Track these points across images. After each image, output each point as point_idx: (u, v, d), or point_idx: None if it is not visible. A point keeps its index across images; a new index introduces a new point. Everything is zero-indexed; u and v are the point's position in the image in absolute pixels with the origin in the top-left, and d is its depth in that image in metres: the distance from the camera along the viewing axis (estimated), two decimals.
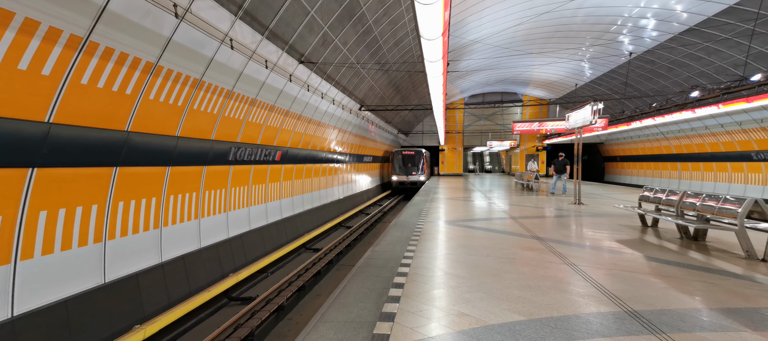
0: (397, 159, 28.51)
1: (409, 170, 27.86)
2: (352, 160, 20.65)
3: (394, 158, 28.54)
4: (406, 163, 28.19)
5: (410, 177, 27.80)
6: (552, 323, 3.39)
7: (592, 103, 11.61)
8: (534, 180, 19.35)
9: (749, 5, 13.06)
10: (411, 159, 28.40)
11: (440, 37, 6.32)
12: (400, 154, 28.58)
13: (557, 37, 20.62)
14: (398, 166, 28.24)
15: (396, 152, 28.59)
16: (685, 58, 18.58)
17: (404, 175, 27.88)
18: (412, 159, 28.39)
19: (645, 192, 8.52)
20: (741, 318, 3.48)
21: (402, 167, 28.14)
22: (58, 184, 5.00)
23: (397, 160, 28.47)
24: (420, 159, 28.30)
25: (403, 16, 13.66)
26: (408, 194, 28.86)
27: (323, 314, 3.69)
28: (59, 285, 5.06)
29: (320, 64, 11.89)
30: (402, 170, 28.06)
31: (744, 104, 13.96)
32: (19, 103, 4.34)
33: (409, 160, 28.38)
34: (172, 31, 5.96)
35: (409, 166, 27.92)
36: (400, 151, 28.58)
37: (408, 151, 28.58)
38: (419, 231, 7.87)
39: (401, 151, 28.61)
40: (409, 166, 27.92)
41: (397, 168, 28.24)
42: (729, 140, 21.08)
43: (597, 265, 5.31)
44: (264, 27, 8.32)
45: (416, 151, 28.38)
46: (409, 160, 28.30)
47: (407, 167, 27.97)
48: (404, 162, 28.31)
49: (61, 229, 5.12)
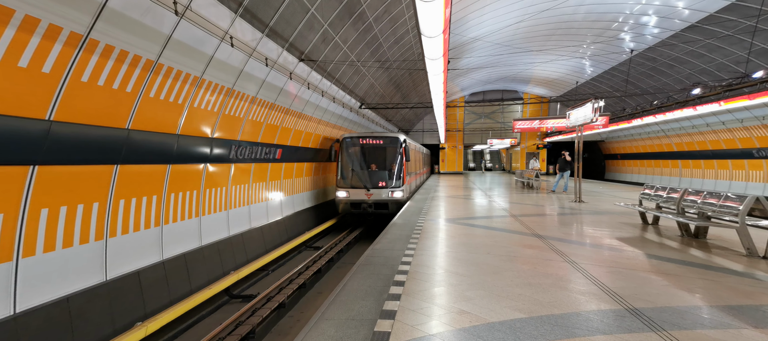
0: (346, 155, 14.20)
1: (373, 178, 13.78)
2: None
3: (340, 153, 14.15)
4: (365, 162, 14.15)
5: (374, 194, 13.53)
6: (553, 320, 3.39)
7: (593, 100, 11.58)
8: (535, 178, 19.34)
9: (751, 2, 13.01)
10: (376, 154, 14.29)
11: (441, 34, 6.30)
12: (352, 144, 14.27)
13: (558, 34, 20.56)
14: (349, 170, 14.00)
15: (345, 141, 14.24)
16: (687, 55, 18.53)
17: (361, 188, 13.59)
18: (378, 154, 14.30)
19: (646, 190, 8.51)
20: (742, 316, 3.48)
21: (357, 172, 13.94)
22: (59, 182, 5.01)
23: (348, 156, 14.21)
24: (395, 155, 14.10)
25: (404, 13, 13.63)
26: (371, 226, 15.30)
27: (324, 311, 3.69)
28: (61, 282, 5.07)
29: (320, 62, 11.88)
30: (357, 178, 13.82)
31: (746, 101, 13.90)
32: (19, 101, 4.33)
33: (374, 155, 14.25)
34: (172, 28, 5.95)
35: (372, 168, 14.02)
36: (352, 141, 14.28)
37: (370, 139, 14.32)
38: (420, 230, 7.87)
39: (356, 141, 14.30)
40: (372, 168, 14.02)
41: (344, 173, 13.95)
42: (730, 137, 21.04)
43: (598, 263, 5.30)
44: (264, 25, 8.30)
45: (386, 138, 14.31)
46: (374, 157, 14.22)
47: (369, 172, 13.95)
48: (363, 161, 14.17)
49: (63, 227, 5.12)
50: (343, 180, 13.73)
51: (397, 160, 13.85)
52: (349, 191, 13.50)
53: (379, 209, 13.48)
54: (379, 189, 13.37)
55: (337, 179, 13.73)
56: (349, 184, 13.60)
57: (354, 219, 15.91)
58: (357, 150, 14.26)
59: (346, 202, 13.59)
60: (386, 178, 13.59)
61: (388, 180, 13.55)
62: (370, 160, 14.11)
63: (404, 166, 13.86)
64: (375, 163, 13.97)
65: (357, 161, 14.04)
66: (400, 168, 13.76)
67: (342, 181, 13.71)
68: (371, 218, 15.20)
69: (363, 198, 13.40)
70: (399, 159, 13.82)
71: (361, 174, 13.69)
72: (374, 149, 14.25)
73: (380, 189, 13.37)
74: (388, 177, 13.62)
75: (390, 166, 13.83)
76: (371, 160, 14.13)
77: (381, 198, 13.31)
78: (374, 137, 14.07)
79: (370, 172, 13.84)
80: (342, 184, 13.66)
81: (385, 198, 13.33)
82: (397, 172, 13.71)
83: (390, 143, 14.11)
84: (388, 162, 13.98)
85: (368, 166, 14.05)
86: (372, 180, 13.57)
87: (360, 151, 14.22)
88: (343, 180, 13.72)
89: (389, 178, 13.59)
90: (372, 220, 15.65)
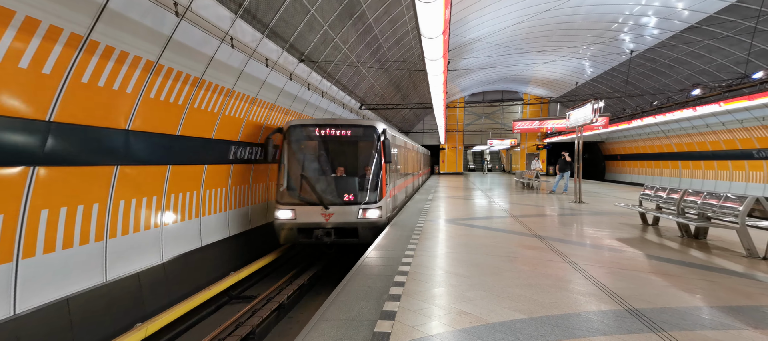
0: (292, 152, 8.94)
1: (334, 189, 8.83)
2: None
3: (284, 149, 8.86)
4: (323, 164, 9.29)
5: (336, 214, 8.49)
6: (553, 321, 3.39)
7: (592, 101, 11.59)
8: (535, 178, 19.34)
9: (751, 2, 13.02)
10: (341, 152, 9.73)
11: (441, 35, 6.31)
12: (302, 136, 9.06)
13: (558, 35, 20.59)
14: (296, 176, 8.89)
15: (292, 131, 8.92)
16: (687, 56, 18.54)
17: (315, 205, 8.45)
18: (343, 152, 9.74)
19: (646, 191, 8.51)
20: (742, 316, 3.48)
21: (309, 179, 8.70)
22: (59, 183, 5.01)
23: (294, 154, 8.99)
24: (370, 153, 9.10)
25: (404, 14, 13.65)
26: (336, 259, 10.51)
27: (324, 312, 3.69)
28: (61, 282, 5.07)
29: (320, 62, 11.89)
30: (309, 189, 8.59)
31: (746, 102, 13.92)
32: (20, 102, 4.34)
33: (336, 154, 9.64)
34: (172, 29, 5.96)
35: (335, 173, 9.25)
36: (302, 131, 9.04)
37: (332, 128, 9.03)
38: (420, 230, 7.87)
39: (309, 131, 9.06)
40: (335, 173, 9.25)
41: (289, 182, 8.84)
42: (730, 138, 21.04)
43: (598, 263, 5.30)
44: (264, 25, 8.31)
45: (356, 128, 9.21)
46: (336, 157, 9.59)
47: (328, 179, 9.02)
48: (319, 162, 9.27)
49: (63, 228, 5.12)
50: (287, 192, 8.59)
51: (372, 160, 8.84)
52: (296, 210, 8.31)
53: (344, 237, 8.41)
54: (343, 205, 8.41)
55: (278, 191, 8.65)
56: (296, 199, 8.45)
57: (310, 251, 10.83)
58: (310, 145, 9.10)
59: (291, 227, 8.30)
60: (354, 189, 8.70)
61: (359, 192, 8.67)
62: (331, 161, 9.21)
63: (383, 169, 8.85)
64: (338, 165, 9.19)
65: (310, 162, 8.99)
66: (378, 173, 8.75)
67: (285, 195, 8.55)
68: (333, 250, 9.58)
69: (318, 221, 8.28)
70: (375, 159, 8.80)
71: (315, 184, 8.50)
72: (337, 144, 9.29)
73: (345, 205, 8.42)
74: (359, 187, 8.75)
75: (362, 169, 9.05)
76: (332, 160, 9.25)
77: (346, 221, 8.34)
78: (337, 126, 8.91)
79: (330, 180, 8.85)
80: (285, 199, 8.48)
81: (353, 221, 8.35)
82: (373, 180, 8.70)
83: (362, 135, 9.03)
84: (359, 164, 9.22)
85: (327, 170, 9.08)
86: (332, 193, 8.58)
87: (315, 146, 9.13)
88: (288, 192, 8.59)
89: (360, 189, 8.70)
90: (336, 253, 10.19)
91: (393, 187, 10.32)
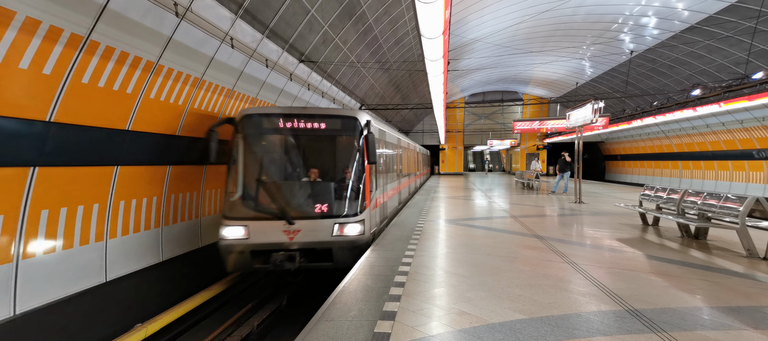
0: (246, 149, 6.65)
1: (300, 198, 6.66)
2: None
3: (236, 145, 6.55)
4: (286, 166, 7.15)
5: (303, 231, 6.26)
6: (553, 321, 3.39)
7: (592, 101, 11.59)
8: (535, 179, 19.33)
9: (751, 3, 13.03)
10: (310, 150, 7.27)
11: (441, 35, 6.32)
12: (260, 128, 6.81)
13: (558, 35, 20.59)
14: (251, 181, 6.64)
15: (247, 121, 6.63)
16: (687, 56, 18.55)
17: (275, 219, 6.23)
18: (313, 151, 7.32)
19: (646, 191, 8.51)
20: (742, 317, 3.48)
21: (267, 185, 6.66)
22: (60, 183, 5.01)
23: (249, 152, 6.72)
24: (350, 152, 6.94)
25: (404, 14, 13.66)
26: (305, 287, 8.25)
27: (324, 312, 3.69)
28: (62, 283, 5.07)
29: (320, 62, 11.90)
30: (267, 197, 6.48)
31: (746, 102, 13.92)
32: (20, 102, 4.34)
33: (304, 152, 7.19)
34: (172, 29, 5.97)
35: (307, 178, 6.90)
36: (260, 121, 6.77)
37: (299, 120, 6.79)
38: (420, 231, 7.87)
39: (269, 121, 6.82)
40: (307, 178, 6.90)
41: (243, 188, 6.58)
42: (730, 138, 21.05)
43: (598, 264, 5.30)
44: (264, 26, 8.32)
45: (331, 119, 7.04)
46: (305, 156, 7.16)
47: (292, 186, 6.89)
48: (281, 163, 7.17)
49: (63, 228, 5.12)
50: (238, 203, 6.46)
51: (352, 160, 6.81)
52: (250, 226, 6.23)
53: (314, 260, 6.40)
54: (313, 219, 6.39)
55: (225, 201, 6.49)
56: (251, 211, 6.36)
57: (267, 280, 8.47)
58: (270, 140, 7.06)
59: (243, 250, 6.22)
60: (329, 198, 6.63)
61: (335, 201, 6.61)
62: (299, 162, 7.08)
63: (367, 172, 6.83)
64: (308, 166, 6.93)
65: (270, 163, 7.02)
66: (360, 177, 6.74)
67: (236, 206, 6.43)
68: (300, 277, 7.17)
69: (279, 241, 6.23)
70: (357, 159, 6.78)
71: (276, 190, 6.60)
72: (307, 140, 7.06)
73: (316, 219, 6.40)
74: (335, 195, 6.69)
75: (340, 172, 6.96)
76: (300, 160, 7.08)
77: (317, 240, 6.33)
78: (307, 116, 6.79)
79: (296, 186, 6.83)
80: (235, 212, 6.36)
81: (326, 239, 6.34)
82: (353, 186, 6.68)
83: (339, 128, 7.05)
84: (336, 165, 7.15)
85: (293, 173, 7.04)
86: (299, 203, 6.55)
87: (278, 142, 7.07)
88: (240, 203, 6.47)
89: (336, 198, 6.66)
90: (303, 281, 8.06)
91: (381, 194, 8.23)
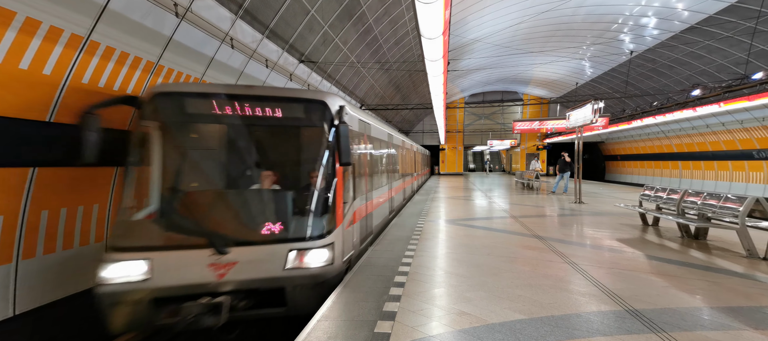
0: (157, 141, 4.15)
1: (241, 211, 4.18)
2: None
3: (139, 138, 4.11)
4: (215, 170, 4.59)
5: (242, 263, 3.78)
6: (553, 322, 3.39)
7: (592, 101, 11.60)
8: (535, 179, 19.34)
9: (751, 3, 13.04)
10: (263, 142, 4.72)
11: (441, 36, 6.32)
12: (178, 113, 4.23)
13: (558, 35, 20.60)
14: (169, 187, 4.18)
15: (158, 102, 4.13)
16: (687, 57, 18.56)
17: (195, 248, 3.74)
18: (267, 143, 4.78)
19: (646, 191, 8.51)
20: (742, 317, 3.48)
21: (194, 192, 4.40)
22: (60, 184, 5.01)
23: (161, 143, 4.18)
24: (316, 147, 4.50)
25: (404, 14, 13.66)
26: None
27: (324, 312, 3.69)
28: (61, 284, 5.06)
29: (320, 63, 11.90)
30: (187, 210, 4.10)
31: (745, 102, 13.93)
32: (20, 103, 4.34)
33: (251, 148, 4.52)
34: (172, 30, 5.97)
35: (254, 184, 4.45)
36: (177, 103, 4.20)
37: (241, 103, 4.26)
38: (420, 231, 7.87)
39: (191, 103, 4.26)
40: (254, 184, 4.45)
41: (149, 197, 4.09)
42: (730, 138, 21.06)
43: (598, 264, 5.30)
44: (264, 26, 8.32)
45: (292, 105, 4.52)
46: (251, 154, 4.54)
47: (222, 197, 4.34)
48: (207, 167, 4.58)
49: (63, 228, 5.12)
50: (140, 226, 4.03)
51: (318, 161, 4.53)
52: (154, 260, 3.73)
53: (256, 306, 3.97)
54: (256, 245, 4.03)
55: (116, 223, 4.00)
56: (156, 237, 3.94)
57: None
58: (194, 132, 4.70)
59: (140, 300, 3.66)
60: (282, 212, 4.31)
61: (291, 218, 4.30)
62: (237, 163, 4.69)
63: (340, 177, 4.67)
64: (251, 169, 4.62)
65: (191, 164, 4.58)
66: (330, 184, 4.50)
67: (134, 230, 3.98)
68: (235, 334, 4.14)
69: (201, 281, 3.76)
70: (324, 159, 4.52)
71: (197, 204, 4.30)
72: (250, 130, 4.56)
73: (260, 245, 4.04)
74: (291, 209, 4.36)
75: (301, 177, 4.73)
76: (239, 160, 4.67)
77: (261, 276, 3.94)
78: (251, 98, 4.41)
79: (230, 197, 4.45)
80: (131, 239, 3.87)
81: (276, 275, 3.98)
82: (319, 196, 4.42)
83: (300, 117, 4.69)
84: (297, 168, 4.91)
85: (227, 178, 4.71)
86: (234, 221, 4.18)
87: (205, 134, 4.78)
88: (142, 225, 4.04)
89: (293, 214, 4.33)
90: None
91: (362, 204, 5.96)
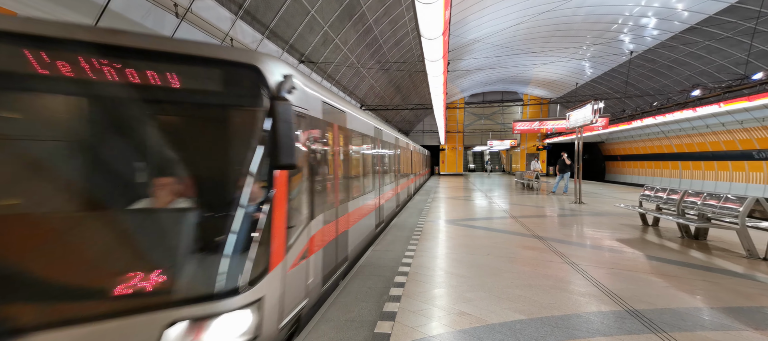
0: None
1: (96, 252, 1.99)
2: None
3: None
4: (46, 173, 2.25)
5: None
6: (553, 322, 3.39)
7: (592, 101, 11.60)
8: (535, 179, 19.34)
9: (751, 3, 13.04)
10: (145, 130, 2.38)
11: (441, 36, 6.32)
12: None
13: (558, 36, 20.61)
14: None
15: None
16: (687, 57, 18.57)
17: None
18: (151, 132, 2.39)
19: (646, 192, 8.51)
20: (742, 317, 3.48)
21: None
22: None
23: None
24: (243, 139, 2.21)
25: (404, 15, 13.67)
26: None
27: (324, 313, 3.69)
28: None
29: (321, 63, 11.90)
30: None
31: (745, 103, 13.93)
32: None
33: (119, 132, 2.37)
34: (172, 30, 5.97)
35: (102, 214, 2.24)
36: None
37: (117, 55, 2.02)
38: (420, 231, 7.87)
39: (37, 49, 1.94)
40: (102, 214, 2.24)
41: None
42: (730, 139, 21.06)
43: (598, 264, 5.30)
44: (264, 26, 8.33)
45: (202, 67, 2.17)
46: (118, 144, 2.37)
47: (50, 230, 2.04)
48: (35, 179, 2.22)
49: None
50: None
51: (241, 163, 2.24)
52: None
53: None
54: (100, 321, 1.86)
55: None
56: None
57: None
58: (8, 106, 2.28)
59: None
60: (167, 251, 2.14)
61: (178, 259, 2.11)
62: (84, 166, 2.52)
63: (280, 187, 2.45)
64: (108, 175, 2.44)
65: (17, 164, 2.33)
66: (258, 196, 2.27)
67: None
68: None
69: None
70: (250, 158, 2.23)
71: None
72: (114, 107, 2.38)
73: (109, 320, 1.88)
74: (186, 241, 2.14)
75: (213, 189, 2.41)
76: (92, 160, 2.52)
77: None
78: (121, 49, 2.12)
79: (80, 226, 2.21)
80: None
81: None
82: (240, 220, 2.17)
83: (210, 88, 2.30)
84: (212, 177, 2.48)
85: (76, 189, 2.44)
86: (64, 273, 1.96)
87: (27, 110, 2.38)
88: None
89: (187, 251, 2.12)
90: None
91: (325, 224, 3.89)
